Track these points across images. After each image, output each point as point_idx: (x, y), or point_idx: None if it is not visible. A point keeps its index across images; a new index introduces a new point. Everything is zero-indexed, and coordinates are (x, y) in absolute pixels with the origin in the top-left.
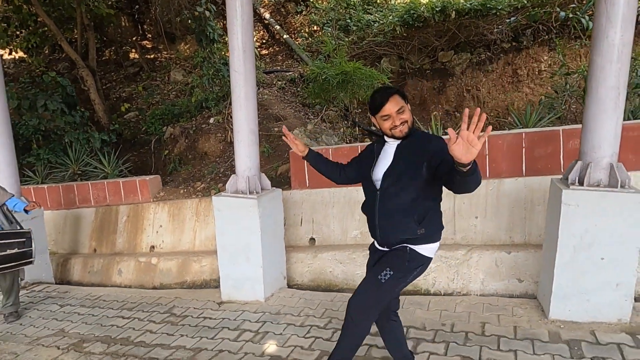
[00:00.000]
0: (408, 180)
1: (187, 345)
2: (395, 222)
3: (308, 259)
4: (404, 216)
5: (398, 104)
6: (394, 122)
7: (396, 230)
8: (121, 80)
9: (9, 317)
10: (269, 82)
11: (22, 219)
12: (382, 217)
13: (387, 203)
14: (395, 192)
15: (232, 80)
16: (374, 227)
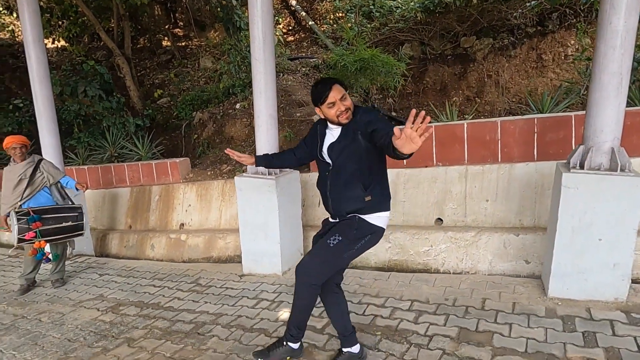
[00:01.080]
0: (352, 153)
1: (210, 311)
2: (344, 192)
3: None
4: (352, 186)
5: (340, 92)
6: (339, 108)
7: (347, 199)
8: (154, 68)
9: (55, 282)
10: (293, 68)
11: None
12: (333, 190)
13: (336, 176)
14: (342, 165)
15: (253, 67)
16: (326, 200)
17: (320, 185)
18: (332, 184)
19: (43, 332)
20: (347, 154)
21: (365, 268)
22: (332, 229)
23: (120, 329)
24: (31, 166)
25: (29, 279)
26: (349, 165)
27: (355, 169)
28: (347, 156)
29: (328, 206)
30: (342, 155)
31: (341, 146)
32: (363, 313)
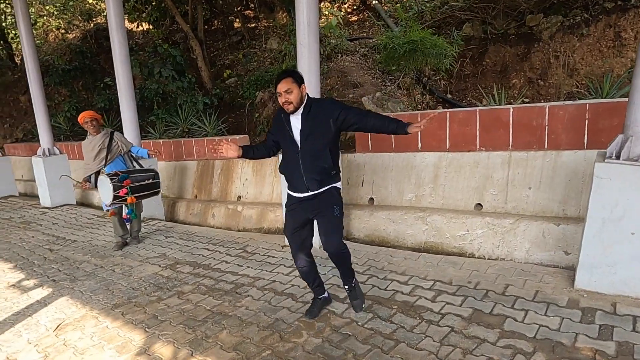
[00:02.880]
0: (320, 137)
1: (250, 274)
2: (317, 169)
3: (365, 217)
4: (322, 163)
5: (287, 85)
6: (282, 100)
7: (320, 174)
8: (226, 48)
9: (132, 241)
10: (352, 49)
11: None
12: (306, 168)
13: (307, 157)
14: (312, 147)
15: (298, 51)
16: (299, 178)
17: (291, 165)
18: (304, 163)
19: (114, 280)
20: (316, 136)
21: (401, 248)
22: (322, 206)
23: (174, 283)
24: (107, 137)
25: (124, 237)
26: (318, 146)
27: (323, 149)
28: (316, 138)
29: (301, 182)
30: (311, 138)
31: (309, 132)
32: (385, 288)
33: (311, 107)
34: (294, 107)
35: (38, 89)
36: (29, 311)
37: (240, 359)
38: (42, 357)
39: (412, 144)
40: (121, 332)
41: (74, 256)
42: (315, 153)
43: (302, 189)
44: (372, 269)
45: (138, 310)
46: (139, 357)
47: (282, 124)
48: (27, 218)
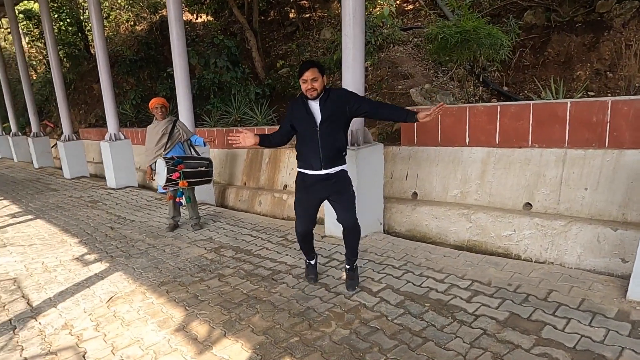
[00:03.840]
0: (336, 120)
1: (288, 262)
2: (333, 150)
3: (407, 211)
4: (337, 145)
5: (314, 74)
6: (307, 86)
7: (334, 155)
8: (280, 39)
9: (195, 226)
10: (404, 39)
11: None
12: (324, 147)
13: (325, 137)
14: (331, 129)
15: (343, 42)
16: (317, 157)
17: (309, 145)
18: (323, 143)
19: (164, 259)
20: (333, 119)
21: (443, 245)
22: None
23: (216, 266)
24: (170, 123)
25: (176, 219)
26: (335, 128)
27: (339, 131)
28: (333, 121)
29: (318, 161)
30: (329, 121)
31: (328, 117)
32: (420, 285)
33: (329, 94)
34: (317, 94)
35: (107, 78)
36: (87, 283)
37: (269, 343)
38: (94, 325)
39: (459, 138)
40: (164, 309)
41: (131, 235)
42: (332, 134)
43: (317, 166)
44: (408, 265)
45: (181, 289)
46: (176, 333)
47: (301, 109)
48: (94, 197)
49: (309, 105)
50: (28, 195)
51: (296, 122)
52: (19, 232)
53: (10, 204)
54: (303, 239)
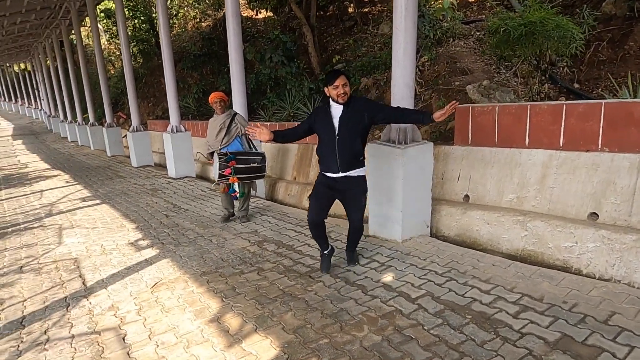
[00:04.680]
0: (355, 126)
1: None
2: (350, 154)
3: (457, 214)
4: (354, 151)
5: (345, 80)
6: (339, 91)
7: (351, 159)
8: (338, 34)
9: (242, 218)
10: (466, 32)
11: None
12: (342, 152)
13: (344, 143)
14: (349, 136)
15: (393, 36)
16: (334, 160)
17: (328, 149)
18: (341, 148)
19: (209, 249)
20: (352, 126)
21: (494, 253)
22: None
23: (257, 259)
24: (229, 118)
25: (228, 211)
26: (353, 134)
27: (356, 137)
28: (351, 127)
29: (336, 165)
30: (347, 127)
31: (348, 123)
32: (463, 294)
33: (350, 102)
34: (348, 98)
35: (170, 73)
36: (137, 267)
37: (298, 342)
38: (137, 309)
39: (518, 139)
40: (202, 298)
41: (183, 223)
42: (349, 141)
43: (334, 169)
44: (453, 272)
45: (221, 280)
46: (210, 324)
47: (324, 116)
48: (155, 186)
49: (331, 113)
50: (98, 181)
51: (317, 126)
52: (86, 215)
53: (82, 188)
54: (314, 228)
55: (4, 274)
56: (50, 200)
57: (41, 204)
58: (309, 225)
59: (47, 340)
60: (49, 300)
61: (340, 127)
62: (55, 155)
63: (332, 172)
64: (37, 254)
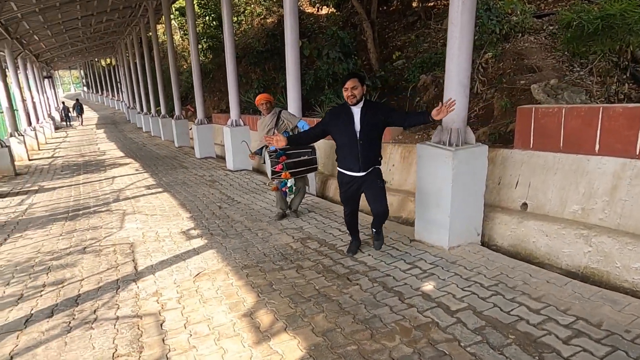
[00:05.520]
0: (374, 128)
1: (367, 263)
2: (371, 155)
3: (512, 223)
4: (375, 149)
5: (354, 83)
6: (347, 93)
7: (372, 158)
8: (400, 30)
9: (292, 213)
10: (537, 27)
11: None
12: (363, 154)
13: (365, 141)
14: (369, 137)
15: (449, 30)
16: (356, 160)
17: (349, 149)
18: (362, 147)
19: (254, 243)
20: (372, 128)
21: (551, 268)
22: (372, 181)
23: (298, 257)
24: (275, 117)
25: (283, 210)
26: (372, 135)
27: (376, 137)
28: (371, 130)
29: (358, 165)
30: (368, 129)
31: (367, 124)
32: (508, 311)
33: (368, 106)
34: (356, 100)
35: (232, 69)
36: (185, 256)
37: (325, 346)
38: (177, 297)
39: (586, 145)
40: (240, 292)
41: (234, 215)
42: (370, 142)
43: (356, 169)
44: (500, 286)
45: (260, 275)
46: (242, 318)
47: (342, 116)
48: (214, 177)
49: (352, 115)
50: (163, 171)
51: (335, 129)
52: (147, 203)
53: (149, 177)
54: (350, 218)
55: (69, 254)
56: (120, 186)
57: (111, 190)
58: (344, 217)
59: (95, 319)
60: (103, 282)
61: (362, 129)
62: (129, 145)
63: (354, 172)
64: (100, 237)
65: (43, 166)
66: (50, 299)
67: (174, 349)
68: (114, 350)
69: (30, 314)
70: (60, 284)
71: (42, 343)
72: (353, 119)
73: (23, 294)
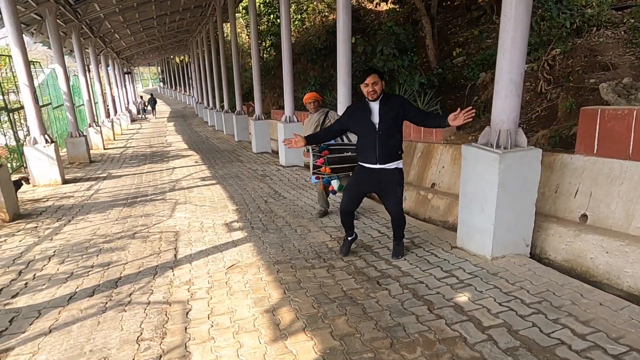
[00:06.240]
0: (392, 121)
1: (402, 268)
2: (389, 148)
3: (569, 236)
4: (393, 144)
5: (374, 79)
6: (368, 89)
7: (390, 153)
8: (463, 25)
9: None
10: (616, 20)
11: None
12: (381, 147)
13: (383, 138)
14: (388, 131)
15: (501, 24)
16: (373, 154)
17: (368, 143)
18: (380, 142)
19: (291, 239)
20: (390, 121)
21: (610, 289)
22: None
23: (332, 256)
24: (322, 116)
25: (325, 209)
26: (392, 129)
27: (395, 132)
28: (389, 123)
29: (375, 159)
30: (386, 122)
31: (386, 118)
32: (549, 333)
33: (388, 99)
34: (377, 96)
35: (287, 66)
36: (223, 247)
37: (341, 351)
38: (208, 287)
39: None
40: (267, 287)
41: (277, 210)
42: (388, 135)
43: (372, 161)
44: (543, 304)
45: (290, 272)
46: (265, 314)
47: (361, 111)
48: (265, 172)
49: (371, 109)
50: (220, 164)
51: (355, 123)
52: (199, 194)
53: (206, 169)
54: (344, 216)
55: (120, 238)
56: (178, 177)
57: (170, 180)
58: (340, 213)
59: (129, 302)
60: (144, 267)
61: (380, 122)
62: (194, 137)
63: (370, 164)
64: (150, 224)
65: (115, 155)
66: (94, 279)
67: (193, 339)
68: (139, 333)
69: (74, 291)
70: (106, 265)
71: (79, 320)
72: (372, 112)
73: (73, 272)
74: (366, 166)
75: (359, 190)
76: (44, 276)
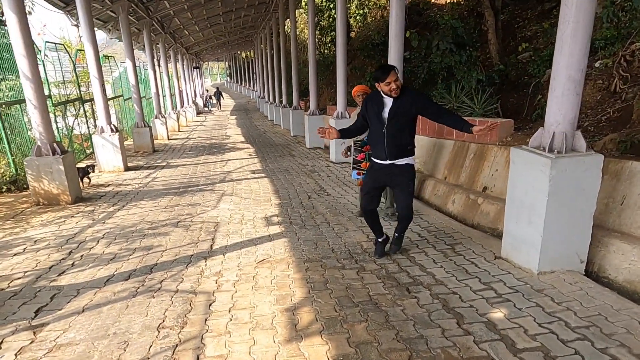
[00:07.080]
0: (402, 117)
1: (436, 275)
2: (398, 143)
3: (633, 254)
4: (402, 141)
5: (395, 75)
6: (391, 87)
7: (399, 148)
8: (533, 18)
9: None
10: None
11: None
12: (389, 143)
13: (391, 135)
14: (396, 128)
15: (560, 13)
16: (382, 149)
17: (377, 137)
18: (388, 139)
19: (326, 237)
20: (400, 117)
21: None
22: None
23: (364, 257)
24: None
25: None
26: (401, 126)
27: (405, 127)
28: (399, 119)
29: (383, 152)
30: (396, 118)
31: (397, 114)
32: None
33: (402, 94)
34: (400, 91)
35: (341, 62)
36: (257, 241)
37: (355, 359)
38: (235, 280)
39: None
40: (292, 285)
41: (318, 207)
42: (397, 131)
43: (382, 157)
44: (592, 329)
45: (319, 271)
46: (284, 313)
47: (375, 104)
48: (315, 168)
49: (384, 104)
50: (272, 157)
51: (369, 116)
52: (247, 186)
53: (257, 162)
54: (366, 216)
55: (164, 225)
56: (230, 168)
57: (222, 171)
58: (362, 213)
59: (158, 289)
60: (180, 255)
61: (389, 119)
62: (252, 131)
63: (381, 160)
64: (195, 213)
65: (176, 145)
66: (133, 263)
67: (210, 331)
68: (162, 320)
69: (112, 274)
70: (146, 251)
71: (110, 302)
72: (384, 108)
73: (116, 255)
74: (377, 162)
75: (373, 186)
76: (90, 256)
